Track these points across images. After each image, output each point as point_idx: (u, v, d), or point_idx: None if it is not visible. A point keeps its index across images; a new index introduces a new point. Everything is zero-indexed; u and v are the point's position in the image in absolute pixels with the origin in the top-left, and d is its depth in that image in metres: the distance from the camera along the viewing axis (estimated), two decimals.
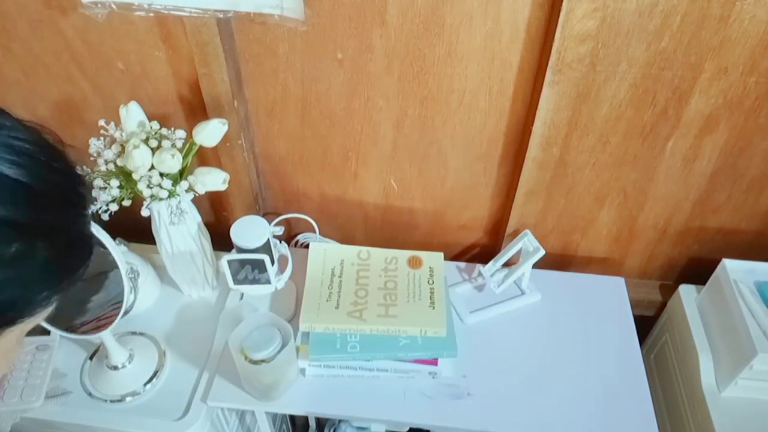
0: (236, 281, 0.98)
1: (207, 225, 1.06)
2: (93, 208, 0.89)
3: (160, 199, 0.91)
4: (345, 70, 0.95)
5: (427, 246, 1.22)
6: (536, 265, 1.17)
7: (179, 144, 0.91)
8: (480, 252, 1.24)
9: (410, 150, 1.06)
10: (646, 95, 0.93)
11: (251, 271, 0.97)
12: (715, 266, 1.06)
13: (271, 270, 0.96)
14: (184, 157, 0.91)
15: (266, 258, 0.94)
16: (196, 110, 1.03)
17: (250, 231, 0.96)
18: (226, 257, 0.95)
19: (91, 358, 1.03)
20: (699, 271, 1.15)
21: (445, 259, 1.13)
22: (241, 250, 0.95)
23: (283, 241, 1.05)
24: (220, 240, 1.12)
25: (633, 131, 0.98)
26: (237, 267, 0.96)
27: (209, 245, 1.07)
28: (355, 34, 0.90)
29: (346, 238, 1.24)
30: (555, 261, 1.22)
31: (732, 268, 1.04)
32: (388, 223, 1.21)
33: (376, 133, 1.04)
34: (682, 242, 1.17)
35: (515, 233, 1.12)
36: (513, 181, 1.06)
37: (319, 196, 1.18)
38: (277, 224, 1.00)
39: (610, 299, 1.11)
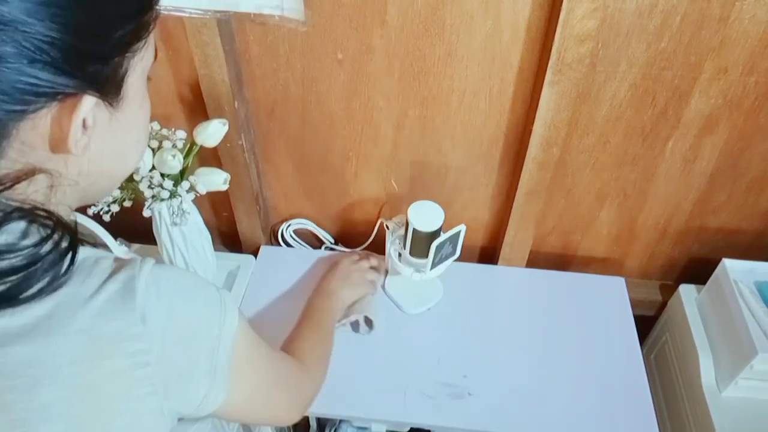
0: (433, 265, 0.98)
1: (207, 225, 1.06)
2: (94, 209, 0.89)
3: (162, 200, 0.91)
4: (345, 71, 0.95)
5: None
6: (536, 265, 1.17)
7: (180, 144, 0.92)
8: (480, 252, 1.24)
9: (410, 150, 1.06)
10: (646, 95, 0.93)
11: (447, 247, 0.99)
12: (715, 266, 1.06)
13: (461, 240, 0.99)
14: (184, 158, 0.91)
15: (463, 228, 0.97)
16: (197, 111, 1.03)
17: (428, 214, 0.98)
18: (436, 242, 0.94)
19: None
20: (699, 271, 1.15)
21: None
22: (421, 233, 0.96)
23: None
24: (221, 240, 1.12)
25: (633, 131, 0.98)
26: (438, 249, 0.97)
27: (210, 246, 1.07)
28: (355, 34, 0.90)
29: (346, 238, 1.25)
30: (555, 261, 1.22)
31: (732, 268, 1.04)
32: None
33: (377, 133, 1.04)
34: (682, 242, 1.17)
35: (516, 233, 1.12)
36: (513, 181, 1.06)
37: (319, 196, 1.18)
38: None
39: (610, 299, 1.11)
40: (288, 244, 1.22)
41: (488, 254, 1.23)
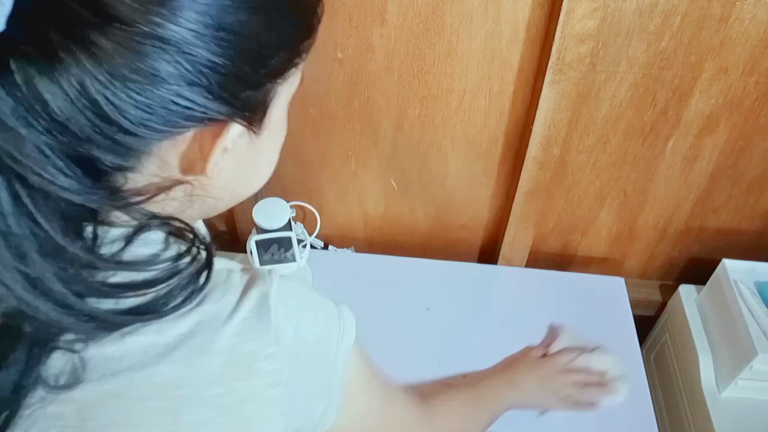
0: (262, 262, 0.99)
1: (207, 225, 1.06)
2: None
3: None
4: (345, 70, 0.95)
5: (428, 246, 1.23)
6: (536, 265, 1.17)
7: None
8: (480, 252, 1.24)
9: (410, 150, 1.06)
10: (647, 95, 0.93)
11: (277, 250, 0.98)
12: (715, 266, 1.06)
13: (297, 247, 0.98)
14: None
15: (292, 235, 0.95)
16: None
17: (273, 211, 0.97)
18: (254, 238, 0.95)
19: None
20: (699, 271, 1.15)
21: (446, 259, 1.13)
22: (264, 231, 0.96)
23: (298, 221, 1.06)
24: (221, 239, 1.12)
25: (633, 131, 0.98)
26: (264, 247, 0.97)
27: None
28: (355, 33, 0.90)
29: (346, 238, 1.24)
30: (555, 261, 1.22)
31: (732, 268, 1.03)
32: (388, 223, 1.21)
33: (376, 132, 1.04)
34: (682, 242, 1.17)
35: (515, 233, 1.12)
36: (513, 181, 1.06)
37: (319, 196, 1.18)
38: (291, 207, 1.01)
39: (610, 299, 1.11)
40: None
41: (488, 254, 1.23)
